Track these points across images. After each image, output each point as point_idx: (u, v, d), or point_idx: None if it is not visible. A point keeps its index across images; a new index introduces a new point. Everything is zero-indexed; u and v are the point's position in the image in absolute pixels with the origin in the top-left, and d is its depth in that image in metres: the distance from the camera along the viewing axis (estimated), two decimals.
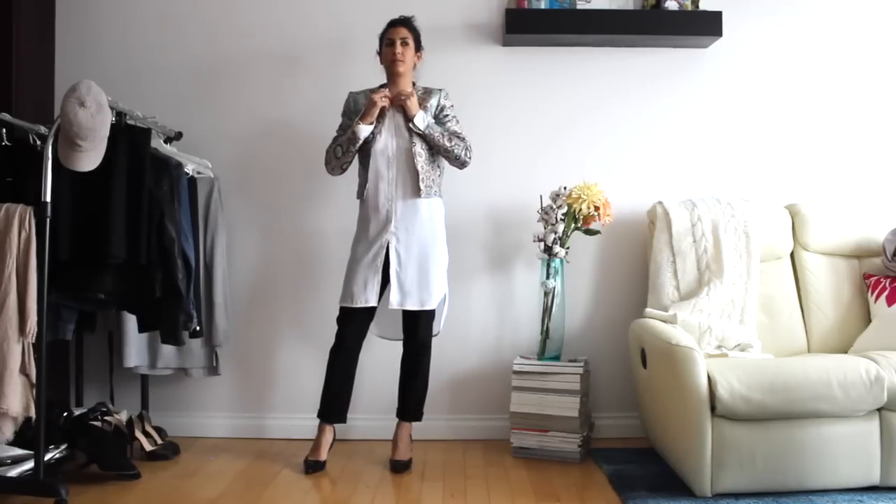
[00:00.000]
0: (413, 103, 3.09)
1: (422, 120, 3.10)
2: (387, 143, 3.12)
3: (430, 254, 3.16)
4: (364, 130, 3.07)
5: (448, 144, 3.13)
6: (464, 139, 3.18)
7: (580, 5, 3.55)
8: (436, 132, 3.12)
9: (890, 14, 3.67)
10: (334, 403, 3.16)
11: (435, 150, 3.16)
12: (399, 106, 3.11)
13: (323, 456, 3.14)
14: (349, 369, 3.16)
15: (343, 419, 3.20)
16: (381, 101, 3.07)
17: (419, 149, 3.12)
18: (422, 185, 3.11)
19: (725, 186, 3.59)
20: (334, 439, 3.20)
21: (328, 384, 3.16)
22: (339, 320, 3.15)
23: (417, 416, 3.26)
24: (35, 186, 2.68)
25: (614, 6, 3.57)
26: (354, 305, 3.10)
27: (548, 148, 3.63)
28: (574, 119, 3.64)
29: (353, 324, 3.13)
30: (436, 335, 3.26)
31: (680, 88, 3.65)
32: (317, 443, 3.15)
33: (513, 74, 3.64)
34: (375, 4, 3.47)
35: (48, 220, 2.66)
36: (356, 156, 3.16)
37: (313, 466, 3.11)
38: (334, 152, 3.14)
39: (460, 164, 3.20)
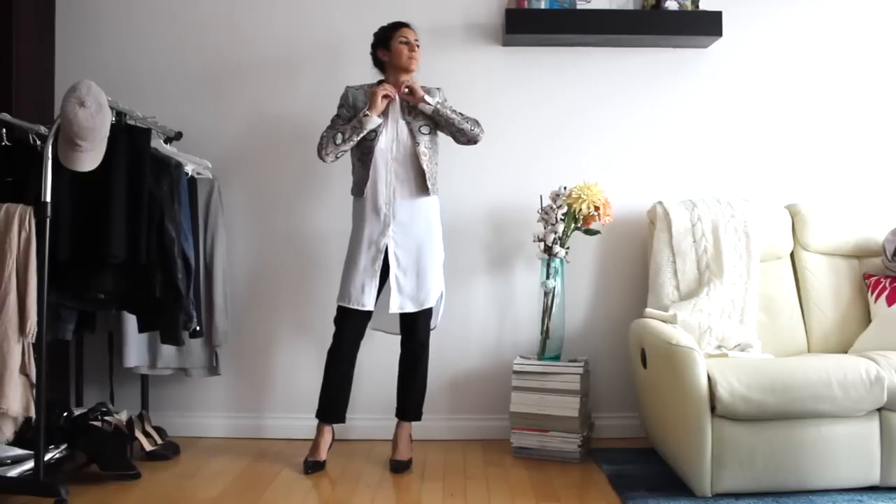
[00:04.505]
0: (419, 87, 3.08)
1: (432, 98, 3.10)
2: (389, 144, 3.12)
3: (427, 252, 3.16)
4: (373, 122, 3.06)
5: (459, 118, 3.13)
6: (469, 118, 3.18)
7: (580, 5, 3.55)
8: (447, 108, 3.12)
9: (890, 14, 3.67)
10: (333, 404, 3.16)
11: (446, 127, 3.14)
12: (403, 99, 3.12)
13: (322, 456, 3.14)
14: (347, 369, 3.16)
15: (342, 419, 3.20)
16: (387, 90, 3.05)
17: (423, 148, 3.12)
18: (429, 184, 3.12)
19: (725, 186, 3.59)
20: (333, 439, 3.20)
21: (326, 384, 3.16)
22: (337, 320, 3.15)
23: (417, 415, 3.26)
24: (35, 186, 2.68)
25: (614, 6, 3.58)
26: (351, 306, 3.10)
27: (548, 148, 3.63)
28: (574, 119, 3.64)
29: (351, 324, 3.13)
30: (432, 329, 3.26)
31: (680, 88, 3.65)
32: (316, 443, 3.15)
33: (512, 74, 3.64)
34: (371, 7, 3.47)
35: (48, 220, 2.66)
36: (350, 151, 3.15)
37: (313, 467, 3.11)
38: (333, 139, 3.09)
39: (472, 137, 3.17)
